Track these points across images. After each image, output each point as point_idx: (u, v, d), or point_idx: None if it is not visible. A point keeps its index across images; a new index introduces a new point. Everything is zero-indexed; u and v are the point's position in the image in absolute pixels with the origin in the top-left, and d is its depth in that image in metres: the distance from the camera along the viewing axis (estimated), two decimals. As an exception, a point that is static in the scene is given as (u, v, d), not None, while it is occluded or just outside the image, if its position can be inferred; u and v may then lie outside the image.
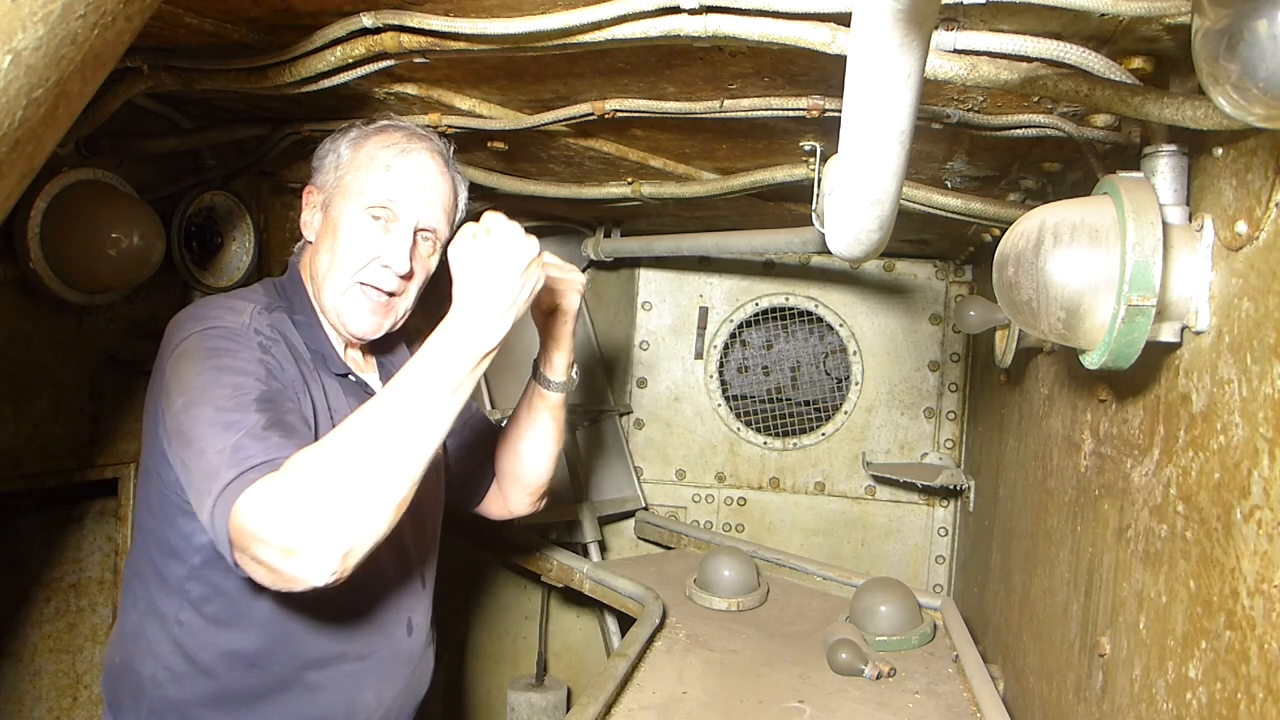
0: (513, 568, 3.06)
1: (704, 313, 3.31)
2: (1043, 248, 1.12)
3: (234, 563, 1.18)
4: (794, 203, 2.32)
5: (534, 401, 1.82)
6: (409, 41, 1.31)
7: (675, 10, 1.12)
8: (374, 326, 1.53)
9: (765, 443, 3.25)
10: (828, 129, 1.63)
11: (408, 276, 1.53)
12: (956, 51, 1.13)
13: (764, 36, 1.12)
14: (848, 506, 3.21)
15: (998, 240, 1.30)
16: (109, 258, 1.86)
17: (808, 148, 1.80)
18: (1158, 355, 1.18)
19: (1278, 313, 0.89)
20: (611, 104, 1.56)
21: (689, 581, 2.53)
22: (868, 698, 1.89)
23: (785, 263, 3.22)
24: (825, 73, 1.35)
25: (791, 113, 1.50)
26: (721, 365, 3.31)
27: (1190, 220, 1.11)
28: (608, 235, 3.08)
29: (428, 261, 1.58)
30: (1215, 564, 0.99)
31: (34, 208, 1.75)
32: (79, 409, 2.01)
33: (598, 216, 3.01)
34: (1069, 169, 1.71)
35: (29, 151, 0.62)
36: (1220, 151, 1.06)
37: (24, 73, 0.56)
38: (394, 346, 1.72)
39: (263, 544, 1.12)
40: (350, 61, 1.37)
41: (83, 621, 2.23)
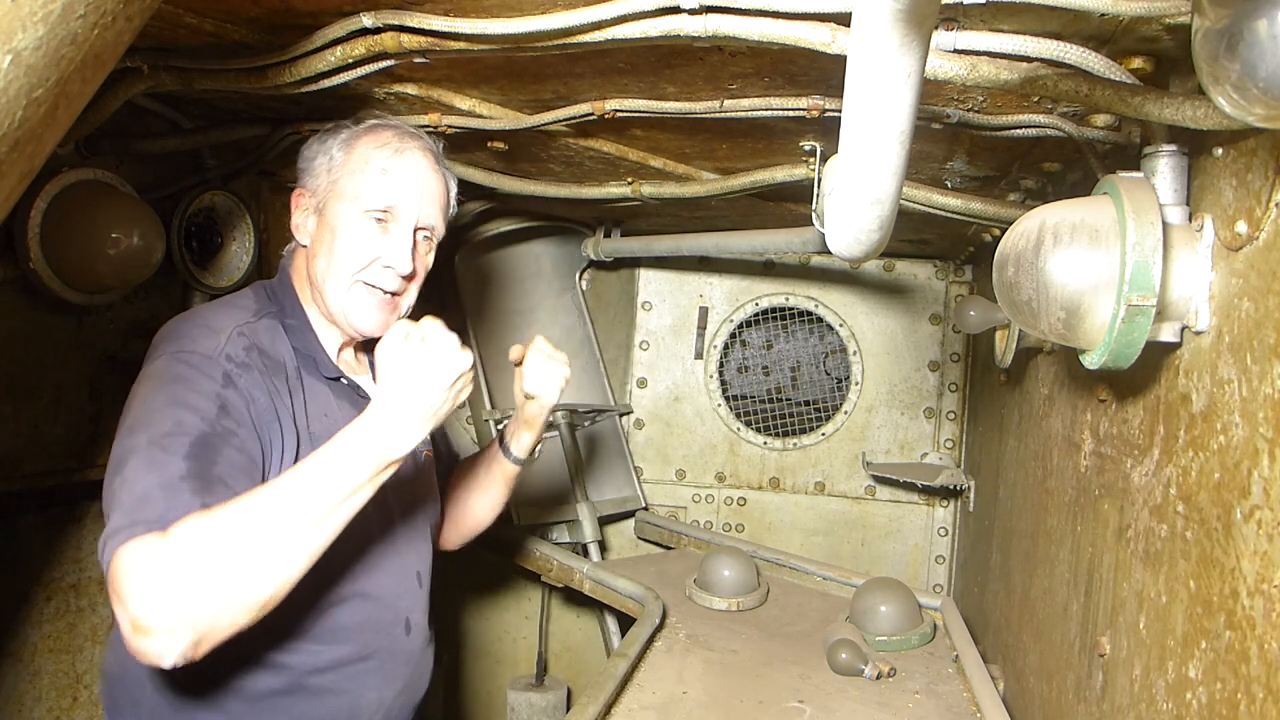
0: (513, 568, 3.06)
1: (704, 313, 3.31)
2: (1043, 248, 1.12)
3: None
4: (794, 203, 2.32)
5: (492, 466, 1.89)
6: (409, 41, 1.31)
7: (675, 10, 1.12)
8: (381, 323, 1.54)
9: (765, 443, 3.25)
10: (828, 129, 1.63)
11: (410, 276, 1.54)
12: (956, 51, 1.13)
13: (764, 36, 1.12)
14: (848, 506, 3.21)
15: (998, 240, 1.30)
16: (109, 258, 1.86)
17: (808, 148, 1.80)
18: (1158, 355, 1.18)
19: (1278, 313, 0.89)
20: (611, 104, 1.56)
21: (689, 581, 2.53)
22: (868, 698, 1.89)
23: (785, 263, 3.22)
24: (825, 73, 1.35)
25: (791, 113, 1.50)
26: (721, 365, 3.31)
27: (1190, 220, 1.11)
28: (608, 235, 3.08)
29: (426, 259, 1.60)
30: (1215, 564, 0.99)
31: (34, 208, 1.75)
32: (79, 409, 2.01)
33: (598, 216, 3.01)
34: (1069, 169, 1.71)
35: (29, 151, 0.62)
36: (1220, 151, 1.06)
37: (24, 73, 0.56)
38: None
39: (121, 607, 1.08)
40: (350, 61, 1.37)
41: (83, 621, 2.23)
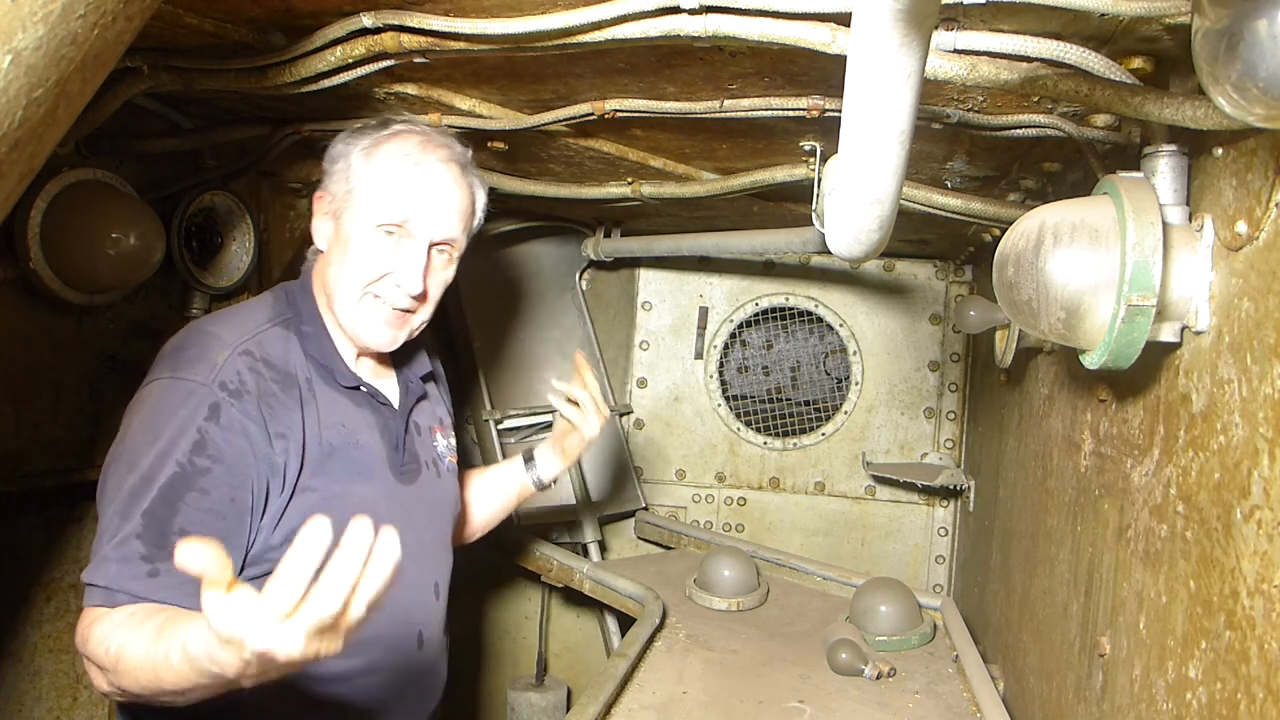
0: (513, 568, 3.06)
1: (704, 313, 3.30)
2: (1043, 248, 1.12)
3: None
4: (794, 203, 2.32)
5: (511, 484, 1.92)
6: (409, 41, 1.30)
7: (675, 10, 1.12)
8: (389, 339, 1.50)
9: (765, 443, 3.25)
10: (828, 129, 1.63)
11: (421, 296, 1.48)
12: (956, 51, 1.13)
13: (764, 36, 1.12)
14: (848, 506, 3.21)
15: (998, 240, 1.30)
16: (109, 258, 1.86)
17: (808, 148, 1.80)
18: (1158, 355, 1.18)
19: (1278, 313, 0.89)
20: (611, 104, 1.56)
21: (689, 581, 2.53)
22: (868, 698, 1.89)
23: (785, 263, 3.22)
24: (825, 73, 1.35)
25: (791, 113, 1.50)
26: (721, 365, 3.31)
27: (1190, 220, 1.11)
28: (608, 235, 3.08)
29: (444, 274, 1.53)
30: (1215, 564, 0.99)
31: (34, 208, 1.75)
32: (79, 409, 2.01)
33: (598, 216, 3.01)
34: (1069, 169, 1.71)
35: (29, 151, 0.62)
36: (1220, 151, 1.06)
37: (24, 73, 0.56)
38: (412, 353, 1.67)
39: (79, 648, 1.23)
40: (350, 61, 1.37)
41: (83, 622, 2.23)
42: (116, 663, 1.16)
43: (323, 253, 1.53)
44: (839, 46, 1.10)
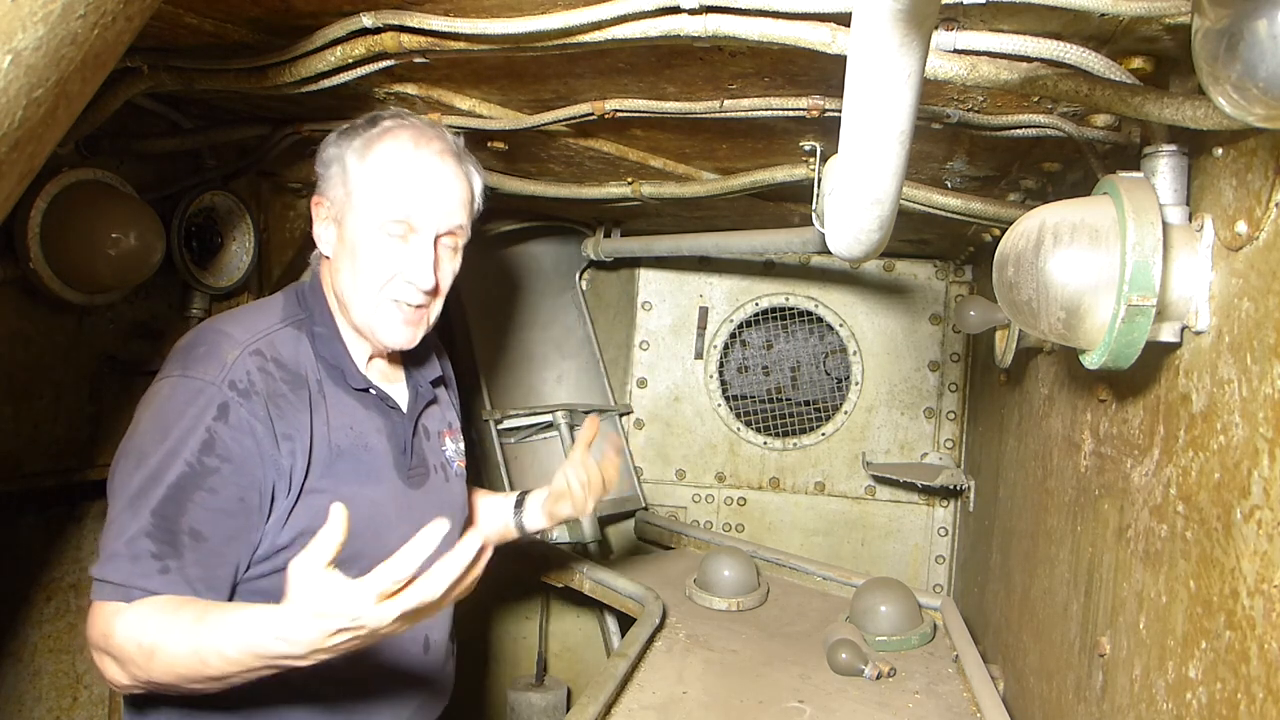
0: (513, 568, 3.06)
1: (704, 313, 3.30)
2: (1043, 248, 1.12)
3: None
4: (794, 203, 2.32)
5: (498, 524, 1.90)
6: (409, 41, 1.31)
7: (675, 10, 1.12)
8: (409, 337, 1.49)
9: (765, 443, 3.25)
10: (828, 129, 1.63)
11: (433, 290, 1.48)
12: (956, 51, 1.13)
13: (764, 36, 1.12)
14: (848, 506, 3.21)
15: (998, 240, 1.30)
16: (109, 258, 1.86)
17: (808, 148, 1.80)
18: (1158, 355, 1.18)
19: (1278, 313, 0.89)
20: (611, 104, 1.56)
21: (689, 581, 2.53)
22: (868, 698, 1.89)
23: (785, 263, 3.22)
24: (825, 73, 1.35)
25: (791, 113, 1.50)
26: (721, 365, 3.31)
27: (1190, 220, 1.11)
28: (608, 235, 3.08)
29: (451, 264, 1.52)
30: (1215, 564, 0.99)
31: (34, 208, 1.75)
32: (79, 409, 2.01)
33: (598, 216, 3.01)
34: (1069, 169, 1.71)
35: (29, 151, 0.62)
36: (1220, 151, 1.06)
37: (24, 73, 0.56)
38: (424, 354, 1.66)
39: (90, 645, 1.24)
40: (350, 61, 1.37)
41: (83, 621, 2.22)
42: (151, 654, 1.17)
43: (328, 258, 1.52)
44: (839, 46, 1.10)
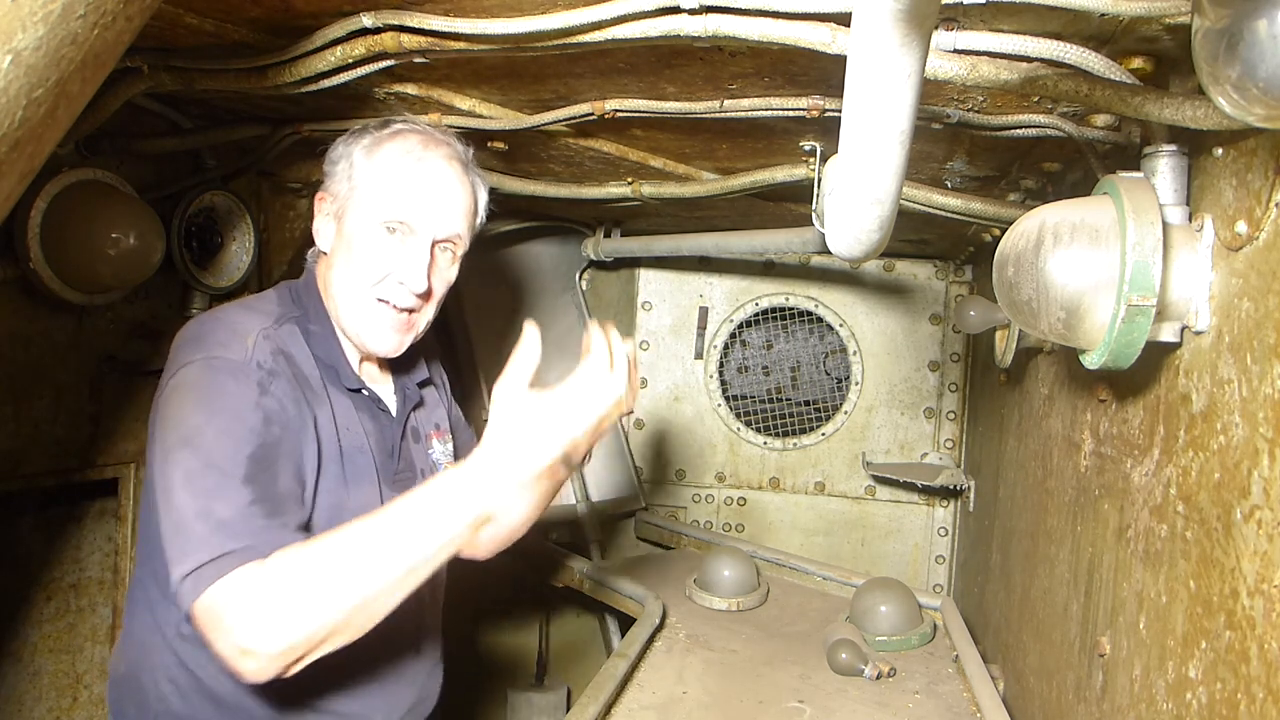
0: (513, 568, 3.06)
1: (704, 313, 3.31)
2: (1043, 248, 1.12)
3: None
4: (794, 203, 2.32)
5: None
6: (409, 41, 1.30)
7: (675, 10, 1.12)
8: (395, 345, 1.48)
9: (765, 443, 3.25)
10: (828, 129, 1.63)
11: (425, 295, 1.47)
12: (956, 51, 1.13)
13: (764, 36, 1.12)
14: (848, 506, 3.21)
15: (998, 240, 1.30)
16: (109, 258, 1.86)
17: (808, 148, 1.80)
18: (1158, 355, 1.18)
19: (1278, 313, 0.89)
20: (611, 104, 1.56)
21: (689, 581, 2.53)
22: (868, 698, 1.89)
23: (785, 263, 3.22)
24: (825, 73, 1.35)
25: (791, 113, 1.50)
26: (721, 365, 3.31)
27: (1190, 220, 1.11)
28: (608, 235, 3.08)
29: (447, 273, 1.51)
30: (1215, 564, 0.99)
31: (34, 208, 1.75)
32: (79, 409, 2.01)
33: (598, 216, 3.01)
34: (1069, 169, 1.71)
35: (29, 151, 0.62)
36: (1220, 151, 1.06)
37: (24, 73, 0.56)
38: (412, 359, 1.65)
39: (225, 634, 1.14)
40: (350, 61, 1.37)
41: (83, 621, 2.23)
42: (337, 577, 1.14)
43: (325, 254, 1.51)
44: (839, 46, 1.10)
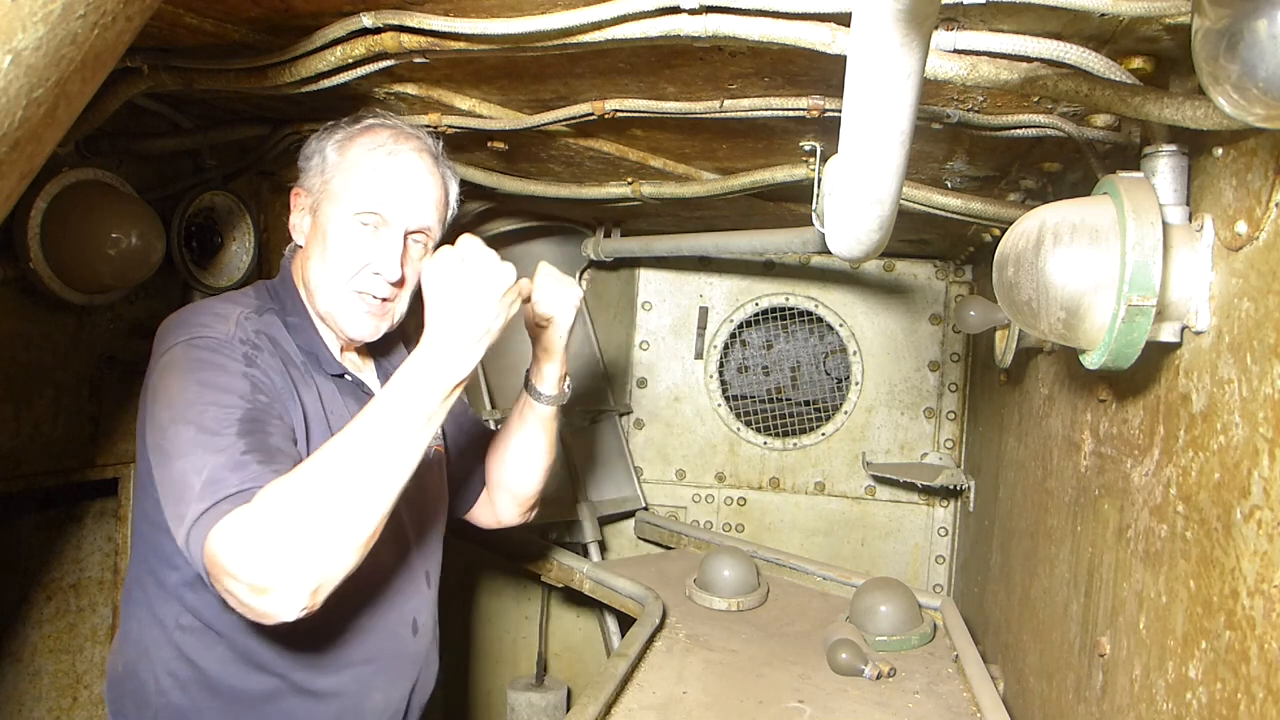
0: (513, 568, 3.06)
1: (704, 313, 3.31)
2: (1043, 248, 1.12)
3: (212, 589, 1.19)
4: (794, 203, 2.32)
5: (524, 413, 1.81)
6: (409, 41, 1.30)
7: (675, 10, 1.12)
8: (371, 329, 1.52)
9: (765, 443, 3.25)
10: (828, 129, 1.63)
11: (399, 283, 1.51)
12: (956, 51, 1.13)
13: (764, 36, 1.12)
14: (848, 506, 3.21)
15: (998, 240, 1.30)
16: (109, 258, 1.85)
17: (808, 148, 1.80)
18: (1158, 355, 1.18)
19: (1278, 313, 0.89)
20: (611, 104, 1.56)
21: (689, 581, 2.53)
22: (868, 698, 1.89)
23: (785, 263, 3.22)
24: (825, 73, 1.35)
25: (791, 113, 1.50)
26: (721, 365, 3.31)
27: (1190, 220, 1.11)
28: (608, 235, 3.08)
29: (419, 264, 1.54)
30: (1215, 564, 0.99)
31: (34, 208, 1.75)
32: (79, 409, 2.01)
33: (598, 216, 3.01)
34: (1069, 169, 1.71)
35: (29, 151, 0.62)
36: (1220, 151, 1.06)
37: (24, 73, 0.56)
38: (391, 345, 1.70)
39: (233, 579, 1.13)
40: (350, 61, 1.37)
41: (83, 621, 2.23)
42: (311, 479, 1.16)
43: (301, 248, 1.56)
44: (839, 46, 1.10)
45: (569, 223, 3.06)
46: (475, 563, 3.30)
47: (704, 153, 1.96)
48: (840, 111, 0.97)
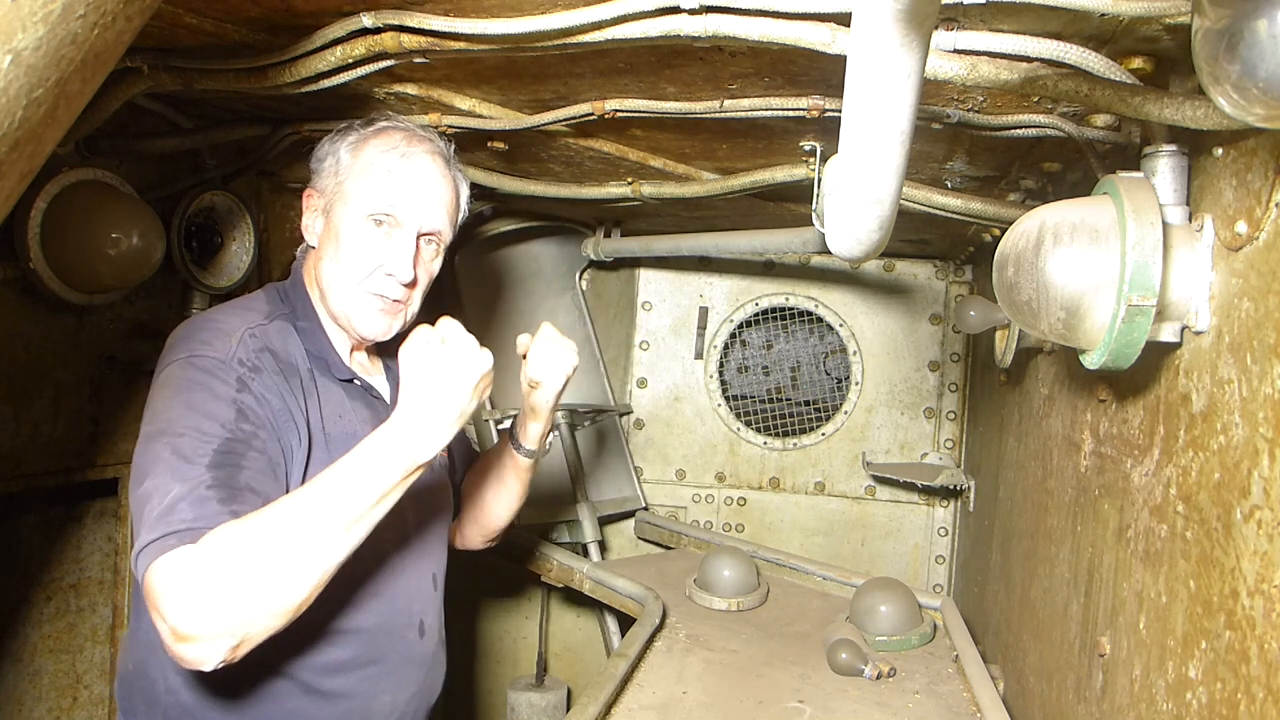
0: (513, 568, 3.06)
1: (704, 313, 3.31)
2: (1043, 248, 1.12)
3: None
4: (794, 203, 2.32)
5: (504, 459, 1.84)
6: (409, 41, 1.31)
7: (675, 10, 1.12)
8: (384, 328, 1.53)
9: (765, 443, 3.25)
10: (828, 129, 1.63)
11: (411, 284, 1.52)
12: (956, 51, 1.13)
13: (764, 36, 1.12)
14: (848, 506, 3.21)
15: (998, 240, 1.30)
16: (109, 258, 1.86)
17: (808, 148, 1.80)
18: (1158, 355, 1.18)
19: (1278, 313, 0.89)
20: (611, 104, 1.56)
21: (689, 581, 2.53)
22: (868, 698, 1.89)
23: (785, 263, 3.22)
24: (825, 73, 1.35)
25: (791, 113, 1.50)
26: (721, 365, 3.31)
27: (1190, 220, 1.11)
28: (608, 235, 3.08)
29: (431, 265, 1.57)
30: (1215, 564, 0.99)
31: (34, 208, 1.75)
32: (79, 409, 2.01)
33: (598, 216, 3.01)
34: (1069, 169, 1.71)
35: (29, 151, 0.62)
36: (1220, 151, 1.06)
37: (24, 73, 0.56)
38: (398, 346, 1.70)
39: (160, 618, 1.13)
40: (350, 61, 1.37)
41: (83, 621, 2.23)
42: (269, 552, 1.14)
43: (313, 249, 1.56)
44: (839, 46, 1.10)
45: (569, 223, 3.06)
46: (475, 563, 3.29)
47: (704, 153, 1.96)
48: (840, 111, 0.97)
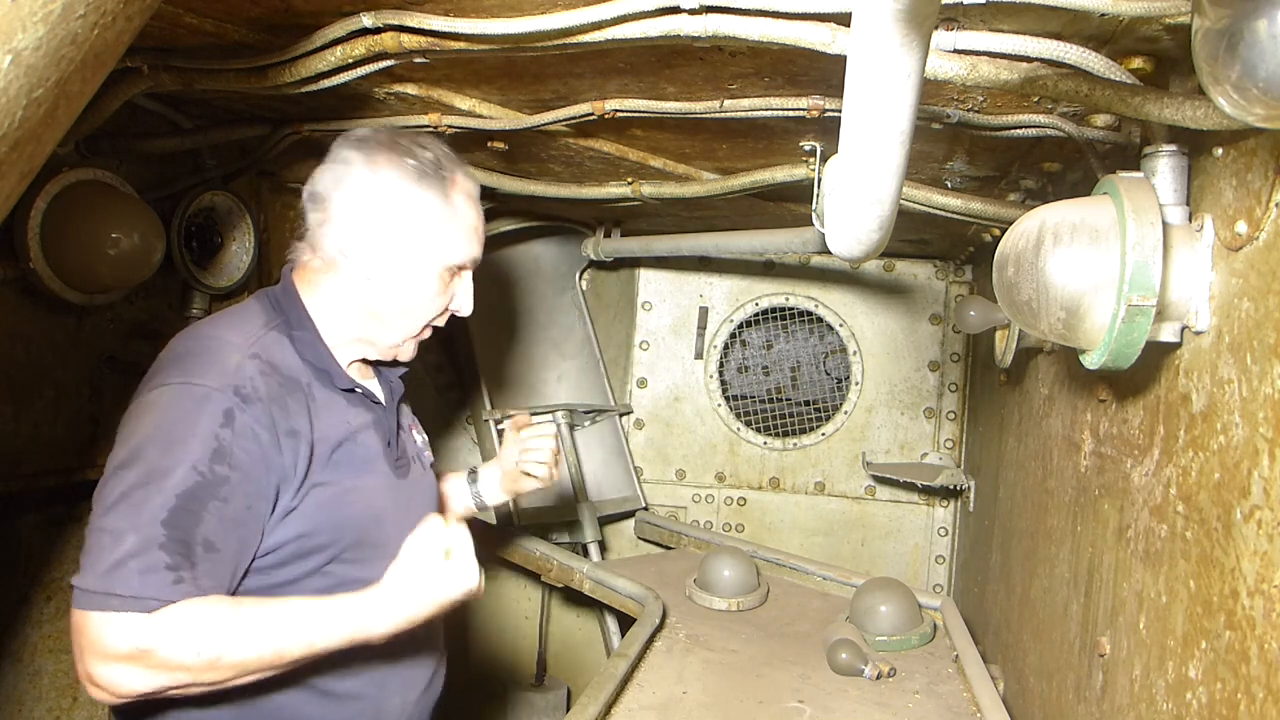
0: (513, 568, 3.06)
1: (704, 313, 3.31)
2: (1043, 248, 1.12)
3: None
4: (794, 203, 2.32)
5: (461, 500, 1.93)
6: (409, 41, 1.31)
7: (675, 10, 1.12)
8: (415, 353, 1.59)
9: (765, 443, 3.25)
10: (828, 129, 1.63)
11: None
12: (956, 51, 1.13)
13: (764, 36, 1.12)
14: (848, 506, 3.21)
15: (998, 240, 1.30)
16: (109, 258, 1.86)
17: (808, 148, 1.80)
18: (1158, 355, 1.18)
19: (1278, 313, 0.89)
20: (611, 104, 1.56)
21: (689, 581, 2.53)
22: (868, 698, 1.89)
23: (785, 263, 3.22)
24: (825, 73, 1.35)
25: (791, 113, 1.50)
26: (721, 365, 3.31)
27: (1190, 220, 1.11)
28: (608, 235, 3.08)
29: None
30: (1215, 564, 0.99)
31: (34, 208, 1.75)
32: (79, 409, 2.01)
33: (598, 216, 3.01)
34: (1069, 169, 1.71)
35: (29, 151, 0.62)
36: (1220, 151, 1.06)
37: (24, 73, 0.56)
38: None
39: (80, 661, 1.19)
40: (350, 61, 1.37)
41: (82, 622, 2.22)
42: (215, 660, 1.21)
43: (335, 271, 1.48)
44: (839, 46, 1.10)
45: (569, 223, 3.06)
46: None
47: (704, 153, 1.96)
48: (840, 111, 0.97)
